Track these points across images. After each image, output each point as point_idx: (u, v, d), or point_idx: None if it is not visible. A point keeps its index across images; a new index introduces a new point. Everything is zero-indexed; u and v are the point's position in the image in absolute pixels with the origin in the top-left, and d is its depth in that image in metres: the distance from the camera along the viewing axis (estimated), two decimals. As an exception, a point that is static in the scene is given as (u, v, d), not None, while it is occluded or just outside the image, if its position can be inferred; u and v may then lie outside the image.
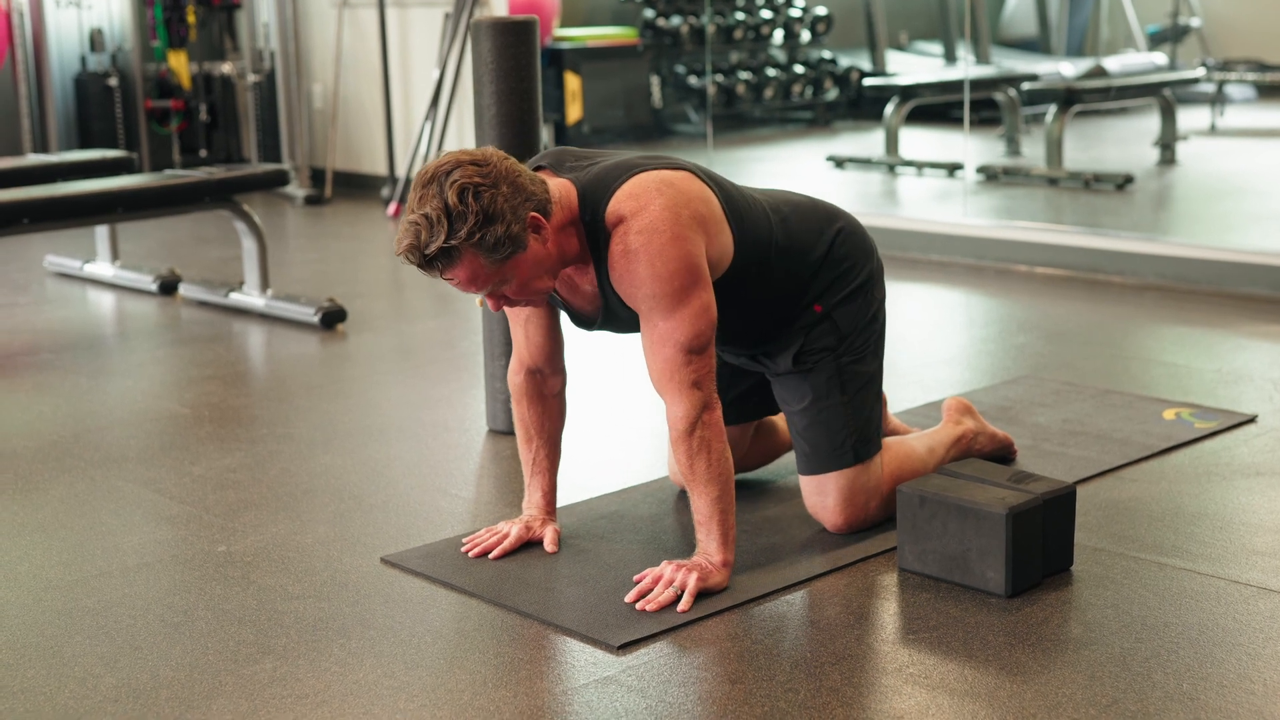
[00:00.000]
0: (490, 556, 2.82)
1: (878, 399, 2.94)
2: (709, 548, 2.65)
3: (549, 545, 2.86)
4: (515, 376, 2.89)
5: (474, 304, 5.08)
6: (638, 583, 2.64)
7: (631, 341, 2.81)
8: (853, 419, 2.87)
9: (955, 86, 7.93)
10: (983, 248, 5.85)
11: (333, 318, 4.90)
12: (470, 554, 2.84)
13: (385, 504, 3.19)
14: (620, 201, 2.57)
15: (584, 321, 2.78)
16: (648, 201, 2.56)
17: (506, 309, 2.71)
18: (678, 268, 2.56)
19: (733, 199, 2.75)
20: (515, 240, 2.47)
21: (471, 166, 2.45)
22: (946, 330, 4.83)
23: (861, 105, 10.03)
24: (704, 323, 2.59)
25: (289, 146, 8.00)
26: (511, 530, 2.87)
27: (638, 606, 2.57)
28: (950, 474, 2.78)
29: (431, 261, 2.46)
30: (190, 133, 8.47)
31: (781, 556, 2.81)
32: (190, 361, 4.52)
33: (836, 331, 2.87)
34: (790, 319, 2.87)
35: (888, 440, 3.01)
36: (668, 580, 2.61)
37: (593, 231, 2.59)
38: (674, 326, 2.57)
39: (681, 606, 2.56)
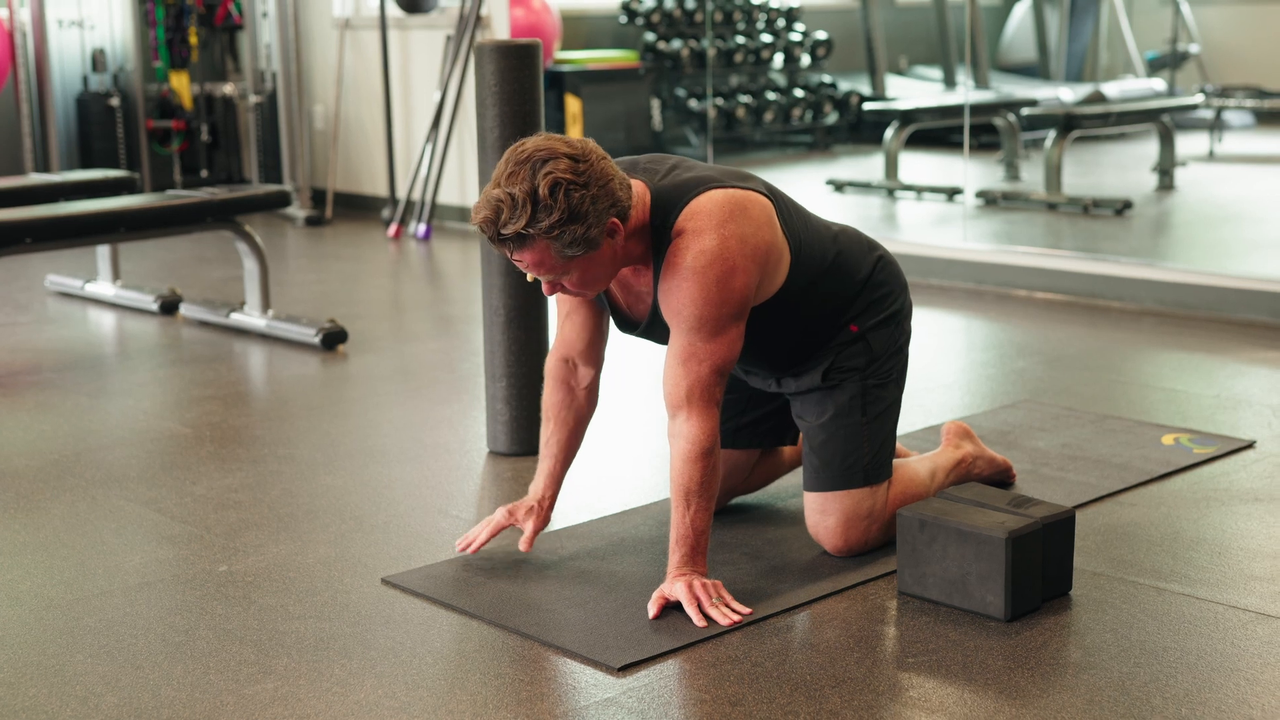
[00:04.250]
0: (471, 549, 2.91)
1: (894, 428, 2.95)
2: (695, 560, 2.66)
3: (524, 544, 2.90)
4: (550, 360, 2.93)
5: (475, 325, 5.09)
6: (657, 615, 2.63)
7: (632, 363, 2.83)
8: (869, 441, 2.89)
9: (955, 111, 7.96)
10: (982, 272, 5.87)
11: (333, 339, 4.90)
12: (464, 551, 2.92)
13: (386, 525, 3.20)
14: (691, 215, 2.60)
15: (629, 325, 2.82)
16: (718, 223, 2.60)
17: (564, 298, 2.82)
18: (730, 298, 2.60)
19: (793, 220, 2.79)
20: (591, 242, 2.51)
21: (568, 160, 2.47)
22: (946, 354, 4.84)
23: (861, 129, 10.07)
24: (737, 349, 2.66)
25: (290, 167, 8.02)
26: (496, 513, 2.92)
27: (723, 624, 2.58)
28: (950, 498, 2.79)
29: (504, 241, 2.50)
30: (191, 153, 8.49)
31: (782, 579, 2.81)
32: (191, 381, 4.53)
33: (869, 352, 2.90)
34: (828, 339, 2.89)
35: (893, 463, 3.02)
36: (708, 598, 2.62)
37: (659, 237, 2.62)
38: (714, 349, 2.62)
39: (746, 609, 2.62)
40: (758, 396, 3.08)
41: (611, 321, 2.89)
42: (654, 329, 2.77)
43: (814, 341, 2.89)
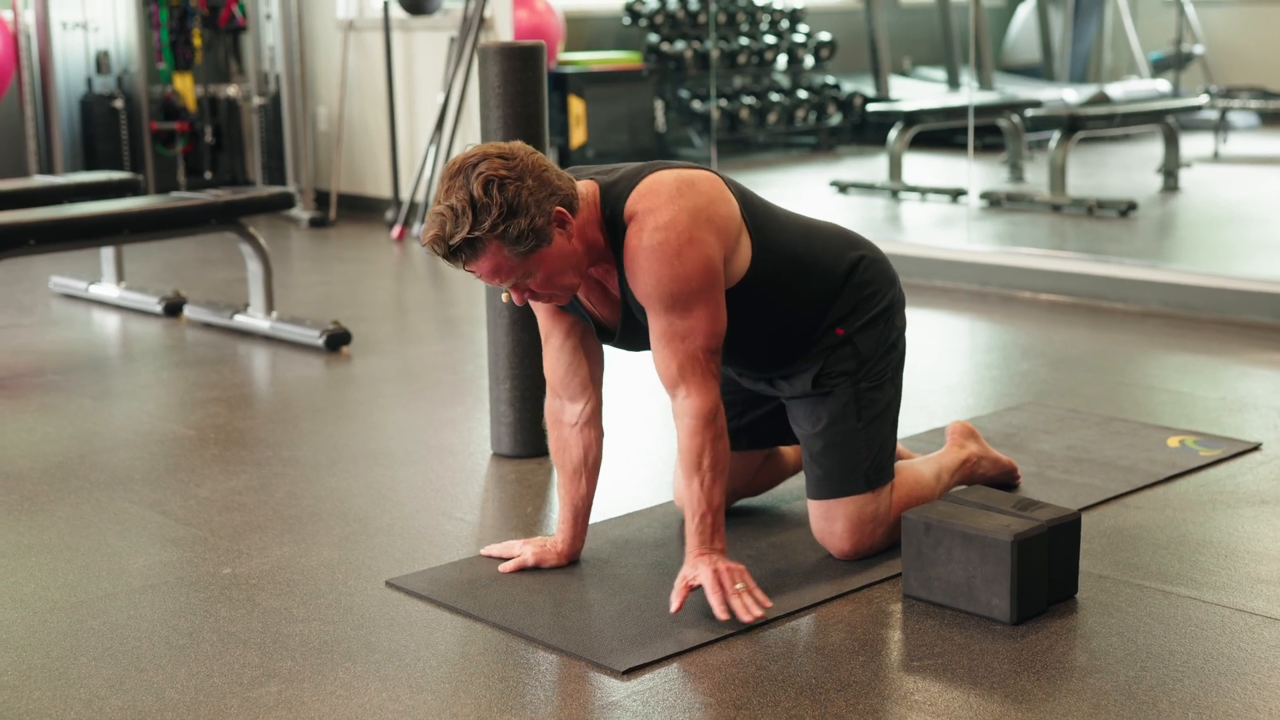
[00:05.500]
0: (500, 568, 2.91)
1: (893, 427, 2.94)
2: (715, 537, 2.65)
3: (507, 566, 2.92)
4: (546, 401, 2.91)
5: (479, 327, 5.09)
6: (680, 606, 2.61)
7: (634, 367, 2.83)
8: (868, 445, 2.87)
9: (959, 112, 7.95)
10: (986, 274, 5.86)
11: (337, 340, 4.90)
12: (487, 556, 2.96)
13: (390, 527, 3.19)
14: (639, 197, 2.60)
15: (606, 334, 2.80)
16: (667, 199, 2.59)
17: (542, 321, 2.80)
18: (695, 268, 2.58)
19: (752, 204, 2.77)
20: (539, 234, 2.49)
21: (498, 160, 2.49)
22: (950, 356, 4.84)
23: (865, 130, 10.07)
24: (720, 324, 2.64)
25: (294, 169, 8.02)
26: (526, 551, 2.90)
27: (745, 619, 2.57)
28: (955, 501, 2.79)
29: (456, 252, 2.49)
30: (195, 155, 8.49)
31: (787, 582, 2.81)
32: (195, 383, 4.53)
33: (857, 356, 2.88)
34: (811, 341, 2.87)
35: (897, 465, 3.01)
36: (731, 585, 2.61)
37: (612, 227, 2.62)
38: (693, 325, 2.61)
39: (768, 602, 2.62)
40: (755, 399, 3.07)
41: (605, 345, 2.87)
42: (629, 334, 2.75)
43: (796, 341, 2.87)
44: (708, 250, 2.61)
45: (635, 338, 2.75)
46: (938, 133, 8.90)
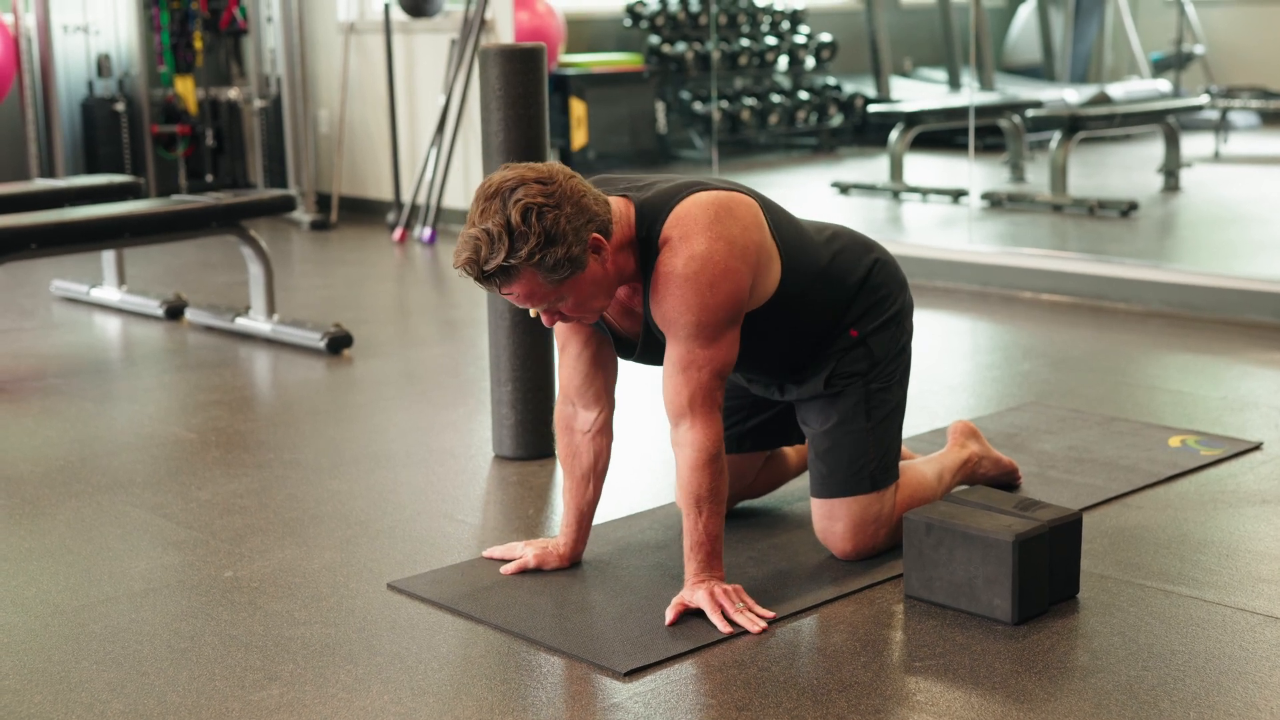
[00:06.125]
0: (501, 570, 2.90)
1: (900, 429, 2.94)
2: (713, 565, 2.66)
3: (509, 568, 2.91)
4: (557, 405, 2.91)
5: (480, 329, 5.09)
6: (674, 621, 2.62)
7: (636, 370, 2.82)
8: (875, 446, 2.87)
9: (960, 113, 7.95)
10: (987, 274, 5.86)
11: (339, 343, 4.90)
12: (489, 558, 2.95)
13: (391, 530, 3.19)
14: (676, 221, 2.58)
15: (625, 348, 2.79)
16: (705, 226, 2.57)
17: (559, 329, 2.79)
18: (725, 300, 2.58)
19: (782, 225, 2.77)
20: (575, 262, 2.48)
21: (536, 185, 2.45)
22: (951, 357, 4.84)
23: (866, 131, 10.06)
24: (734, 354, 2.64)
25: (295, 172, 8.03)
26: (528, 553, 2.90)
27: (753, 631, 2.58)
28: (957, 501, 2.79)
29: (489, 278, 2.47)
30: (196, 158, 8.50)
31: (789, 583, 2.81)
32: (196, 386, 4.53)
33: (870, 357, 2.88)
34: (827, 344, 2.88)
35: (900, 465, 3.00)
36: (732, 605, 2.62)
37: (646, 249, 2.60)
38: (712, 355, 2.60)
39: (770, 613, 2.63)
40: (761, 402, 3.07)
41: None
42: (649, 350, 2.74)
43: (813, 348, 2.87)
44: (740, 282, 2.60)
45: (655, 355, 2.74)
46: (939, 133, 8.89)
